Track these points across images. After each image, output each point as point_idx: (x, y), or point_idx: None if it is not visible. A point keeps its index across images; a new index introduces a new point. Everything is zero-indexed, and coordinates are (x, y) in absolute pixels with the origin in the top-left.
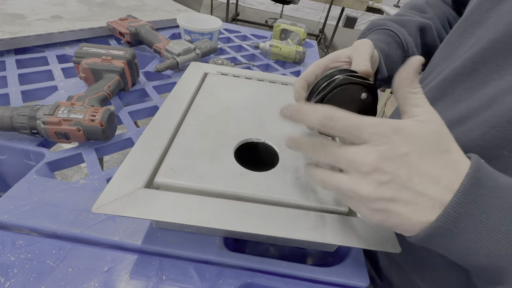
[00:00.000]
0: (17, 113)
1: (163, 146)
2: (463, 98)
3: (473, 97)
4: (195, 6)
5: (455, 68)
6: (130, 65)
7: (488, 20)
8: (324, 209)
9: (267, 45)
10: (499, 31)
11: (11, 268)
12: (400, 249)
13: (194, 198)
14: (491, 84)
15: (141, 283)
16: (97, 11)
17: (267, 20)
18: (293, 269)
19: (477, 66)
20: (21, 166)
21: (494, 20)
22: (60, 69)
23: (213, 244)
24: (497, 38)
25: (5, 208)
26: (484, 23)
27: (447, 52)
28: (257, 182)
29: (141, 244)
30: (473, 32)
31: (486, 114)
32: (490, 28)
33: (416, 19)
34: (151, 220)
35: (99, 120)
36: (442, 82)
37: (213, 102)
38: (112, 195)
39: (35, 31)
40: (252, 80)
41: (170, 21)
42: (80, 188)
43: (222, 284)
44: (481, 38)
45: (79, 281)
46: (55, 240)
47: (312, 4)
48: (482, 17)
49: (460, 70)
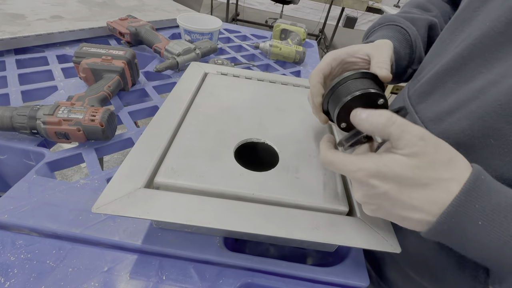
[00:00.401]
0: (17, 113)
1: (163, 146)
2: (452, 92)
3: (461, 90)
4: (195, 6)
5: (445, 63)
6: (130, 65)
7: (477, 18)
8: (324, 209)
9: (267, 45)
10: (486, 27)
11: (11, 268)
12: (400, 249)
13: (194, 198)
14: (479, 77)
15: (141, 283)
16: (97, 11)
17: (267, 20)
18: (293, 269)
19: (465, 61)
20: (21, 166)
21: (482, 17)
22: (60, 69)
23: (213, 244)
24: (484, 34)
25: (5, 208)
26: (473, 21)
27: (439, 49)
28: (257, 182)
29: (141, 244)
30: (463, 29)
31: (474, 105)
32: (478, 25)
33: (425, 17)
34: (151, 220)
35: (99, 120)
36: (433, 77)
37: (213, 102)
38: (112, 195)
39: (35, 31)
40: (252, 80)
41: (170, 21)
42: (80, 188)
43: (222, 284)
44: (470, 34)
45: (79, 281)
46: (55, 240)
47: (312, 4)
48: (471, 15)
49: (451, 65)
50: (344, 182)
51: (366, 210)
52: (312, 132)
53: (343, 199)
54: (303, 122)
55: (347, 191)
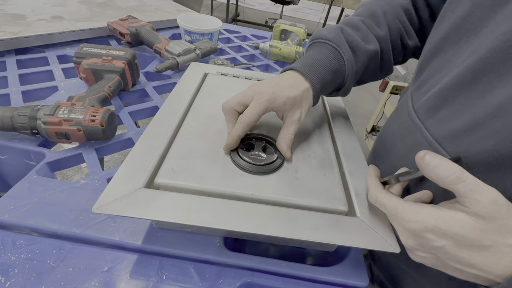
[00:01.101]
0: (18, 113)
1: (163, 146)
2: (465, 107)
3: (476, 106)
4: (195, 6)
5: (454, 77)
6: (130, 66)
7: (484, 29)
8: (323, 209)
9: (267, 46)
10: (498, 41)
11: (12, 267)
12: (399, 249)
13: (194, 198)
14: (494, 93)
15: (141, 282)
16: (97, 12)
17: (267, 21)
18: (293, 269)
19: (477, 75)
20: (22, 166)
21: (491, 29)
22: (60, 69)
23: (213, 244)
24: (496, 47)
25: (5, 208)
26: (480, 32)
27: (442, 60)
28: (257, 182)
29: (141, 244)
30: (469, 41)
31: (497, 124)
32: (488, 37)
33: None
34: (151, 220)
35: (100, 120)
36: (441, 91)
37: (213, 102)
38: (113, 195)
39: (36, 31)
40: (252, 80)
41: (170, 21)
42: (80, 188)
43: (222, 284)
44: (479, 47)
45: (79, 281)
46: (55, 240)
47: (312, 5)
48: (476, 26)
49: (460, 79)
50: (344, 182)
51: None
52: (312, 132)
53: (343, 199)
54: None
55: (347, 191)
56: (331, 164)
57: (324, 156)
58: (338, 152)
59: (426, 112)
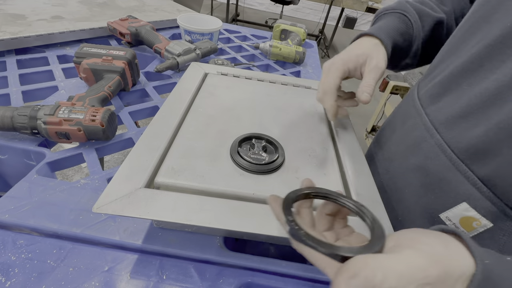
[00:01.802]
0: (18, 113)
1: (164, 146)
2: (464, 93)
3: (473, 92)
4: (195, 6)
5: (461, 64)
6: (130, 65)
7: (494, 15)
8: None
9: (267, 46)
10: (507, 28)
11: (12, 267)
12: None
13: (195, 198)
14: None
15: (141, 282)
16: (97, 12)
17: (267, 21)
18: (293, 269)
19: (483, 62)
20: (22, 166)
21: (501, 15)
22: (60, 69)
23: (213, 244)
24: (505, 34)
25: (6, 207)
26: (490, 19)
27: (452, 47)
28: (257, 182)
29: (142, 244)
30: (479, 28)
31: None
32: (497, 24)
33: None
34: (152, 220)
35: (100, 120)
36: (447, 78)
37: (213, 102)
38: (113, 195)
39: (36, 31)
40: (252, 80)
41: (171, 21)
42: (80, 188)
43: (222, 284)
44: (488, 33)
45: (79, 281)
46: (55, 239)
47: (312, 5)
48: (489, 13)
49: (466, 65)
50: (344, 181)
51: None
52: (312, 132)
53: None
54: (303, 122)
55: (347, 191)
56: (331, 163)
57: (325, 156)
58: (338, 152)
59: (429, 99)
